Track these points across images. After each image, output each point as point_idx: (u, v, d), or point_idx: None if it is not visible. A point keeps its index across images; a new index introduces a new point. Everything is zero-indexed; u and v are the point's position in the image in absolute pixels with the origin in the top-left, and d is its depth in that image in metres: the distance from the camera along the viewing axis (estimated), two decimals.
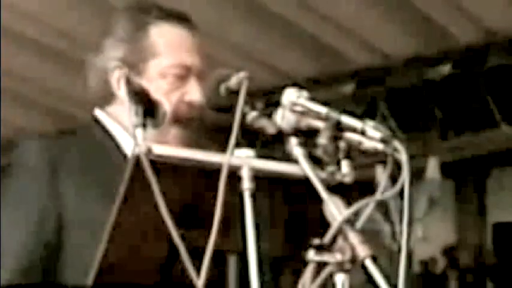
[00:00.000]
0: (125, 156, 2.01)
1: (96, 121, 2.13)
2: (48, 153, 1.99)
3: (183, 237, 1.55)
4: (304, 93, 1.73)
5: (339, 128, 1.66)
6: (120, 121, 2.08)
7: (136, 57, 2.08)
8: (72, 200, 1.95)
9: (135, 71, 2.06)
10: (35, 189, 1.97)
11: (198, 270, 1.54)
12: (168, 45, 2.09)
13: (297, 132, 1.70)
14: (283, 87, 1.76)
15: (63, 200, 1.95)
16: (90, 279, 1.62)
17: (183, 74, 2.07)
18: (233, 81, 1.78)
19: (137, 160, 1.56)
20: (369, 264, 1.49)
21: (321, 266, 1.56)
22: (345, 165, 1.66)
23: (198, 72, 2.08)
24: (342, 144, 1.65)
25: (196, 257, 1.55)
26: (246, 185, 1.61)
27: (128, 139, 2.03)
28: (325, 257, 1.54)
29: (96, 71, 2.12)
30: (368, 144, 1.64)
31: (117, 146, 2.06)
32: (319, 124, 1.68)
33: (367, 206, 1.59)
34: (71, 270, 1.92)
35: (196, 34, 2.15)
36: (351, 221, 1.54)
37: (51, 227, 1.94)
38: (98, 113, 2.14)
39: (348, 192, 1.63)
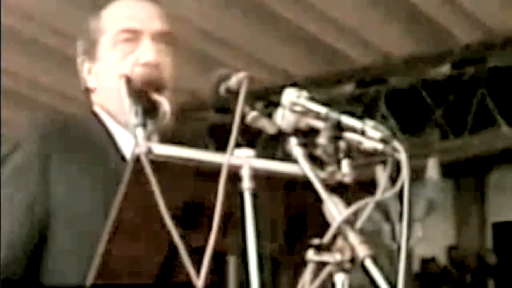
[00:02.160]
0: (119, 151, 2.02)
1: (94, 114, 2.13)
2: (42, 141, 1.99)
3: (183, 237, 1.56)
4: (304, 93, 1.73)
5: (338, 128, 1.66)
6: (110, 113, 2.08)
7: (90, 43, 2.11)
8: (62, 190, 1.96)
9: (92, 58, 2.10)
10: (26, 177, 1.97)
11: (198, 270, 1.54)
12: (113, 18, 2.11)
13: (297, 132, 1.70)
14: (283, 87, 1.76)
15: (53, 189, 1.96)
16: (90, 279, 1.62)
17: (132, 38, 2.07)
18: (233, 81, 1.78)
19: (137, 160, 1.56)
20: (369, 264, 1.49)
21: (320, 266, 1.56)
22: (345, 165, 1.66)
23: (153, 34, 2.08)
24: (342, 144, 1.65)
25: (196, 257, 1.55)
26: (246, 184, 1.61)
27: (123, 134, 2.03)
28: (325, 257, 1.54)
29: (79, 70, 2.16)
30: (368, 144, 1.64)
31: (112, 138, 2.06)
32: (319, 124, 1.68)
33: (367, 206, 1.59)
34: (56, 260, 1.94)
35: (154, 4, 2.15)
36: (350, 221, 1.54)
37: (38, 216, 1.95)
38: (97, 108, 2.14)
39: (347, 192, 1.63)
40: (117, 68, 2.04)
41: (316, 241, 1.54)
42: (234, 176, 1.62)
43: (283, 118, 1.72)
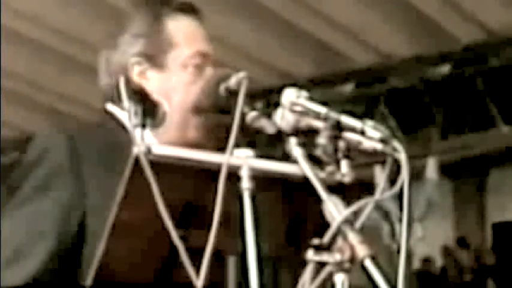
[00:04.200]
0: None
1: (112, 116, 2.10)
2: (72, 147, 1.94)
3: (182, 238, 1.56)
4: (304, 93, 1.73)
5: (338, 128, 1.66)
6: None
7: (155, 50, 2.06)
8: (96, 196, 1.91)
9: (154, 64, 2.06)
10: (60, 183, 1.91)
11: (197, 270, 1.54)
12: (185, 35, 2.09)
13: (297, 132, 1.70)
14: (283, 87, 1.76)
15: (87, 196, 1.91)
16: (90, 279, 1.62)
17: (201, 64, 2.06)
18: (233, 81, 1.78)
19: (137, 160, 1.56)
20: (369, 264, 1.49)
21: (320, 265, 1.56)
22: (345, 165, 1.66)
23: (213, 61, 2.08)
24: (342, 144, 1.65)
25: (196, 257, 1.55)
26: (246, 184, 1.61)
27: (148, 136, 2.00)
28: (325, 257, 1.54)
29: (113, 68, 2.08)
30: (367, 144, 1.64)
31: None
32: (318, 124, 1.68)
33: (367, 206, 1.59)
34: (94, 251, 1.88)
35: (203, 24, 2.14)
36: (350, 221, 1.54)
37: (75, 223, 1.90)
38: (113, 108, 2.10)
39: (347, 192, 1.63)
40: (185, 93, 2.02)
41: (316, 241, 1.54)
42: (234, 176, 1.62)
43: (283, 118, 1.72)
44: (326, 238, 1.54)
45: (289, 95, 1.73)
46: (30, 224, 1.90)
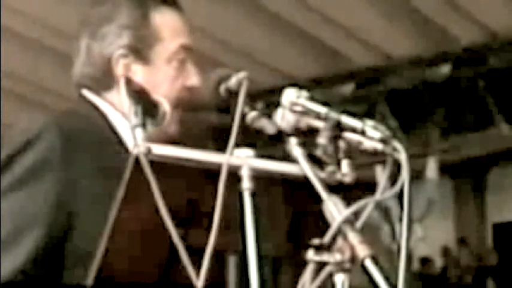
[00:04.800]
0: (126, 149, 1.97)
1: (94, 107, 2.07)
2: (63, 133, 1.91)
3: (183, 238, 1.56)
4: (304, 93, 1.73)
5: (338, 128, 1.66)
6: (121, 110, 2.02)
7: (141, 44, 2.06)
8: (84, 186, 1.88)
9: (139, 57, 2.06)
10: (51, 172, 1.88)
11: (198, 270, 1.54)
12: (170, 30, 2.09)
13: (297, 132, 1.70)
14: (283, 87, 1.76)
15: (78, 185, 1.88)
16: (90, 279, 1.62)
17: (185, 57, 2.07)
18: (233, 82, 1.78)
19: (137, 160, 1.56)
20: (369, 264, 1.49)
21: (320, 265, 1.56)
22: (345, 165, 1.66)
23: (194, 55, 2.08)
24: (342, 144, 1.65)
25: (197, 256, 1.55)
26: (246, 184, 1.61)
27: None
28: (325, 257, 1.54)
29: (95, 57, 2.07)
30: (368, 144, 1.64)
31: (118, 136, 2.02)
32: (319, 124, 1.68)
33: (367, 206, 1.59)
34: (80, 259, 1.84)
35: (185, 16, 2.14)
36: (350, 221, 1.54)
37: (64, 215, 1.87)
38: (94, 98, 2.08)
39: (347, 192, 1.63)
40: (169, 87, 2.04)
41: (316, 241, 1.54)
42: (234, 176, 1.62)
43: (283, 118, 1.72)
44: (326, 238, 1.54)
45: (290, 95, 1.73)
46: (19, 213, 1.87)
